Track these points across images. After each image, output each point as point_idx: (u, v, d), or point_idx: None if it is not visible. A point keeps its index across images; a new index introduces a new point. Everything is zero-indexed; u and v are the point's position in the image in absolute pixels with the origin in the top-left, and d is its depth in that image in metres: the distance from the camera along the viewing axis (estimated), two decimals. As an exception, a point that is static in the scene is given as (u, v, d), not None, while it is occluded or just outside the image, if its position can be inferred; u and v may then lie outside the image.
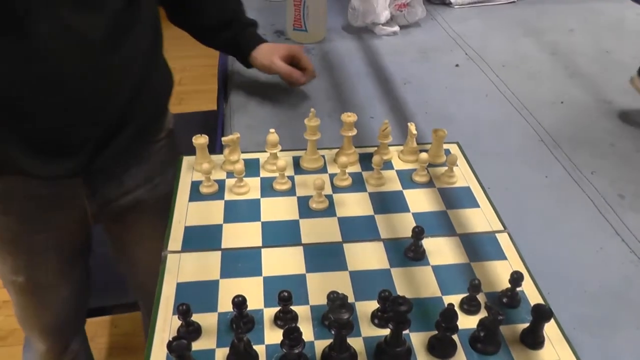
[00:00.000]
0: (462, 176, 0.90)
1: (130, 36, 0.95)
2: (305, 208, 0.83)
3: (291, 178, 0.88)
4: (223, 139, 0.89)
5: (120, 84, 0.97)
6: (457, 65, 1.36)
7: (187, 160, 0.92)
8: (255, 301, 0.67)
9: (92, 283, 1.32)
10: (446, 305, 0.60)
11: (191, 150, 0.91)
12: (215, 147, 1.08)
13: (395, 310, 0.57)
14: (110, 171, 1.04)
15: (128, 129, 0.99)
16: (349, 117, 0.89)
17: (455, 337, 0.62)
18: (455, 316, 0.59)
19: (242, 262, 0.74)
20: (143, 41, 1.00)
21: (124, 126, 0.99)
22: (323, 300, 0.65)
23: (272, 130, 0.88)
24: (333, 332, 0.58)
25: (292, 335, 0.56)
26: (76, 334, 1.37)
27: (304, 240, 0.78)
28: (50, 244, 1.10)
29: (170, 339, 0.57)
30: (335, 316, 0.55)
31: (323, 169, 0.91)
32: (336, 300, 0.57)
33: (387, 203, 0.85)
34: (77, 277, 1.24)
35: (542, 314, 0.61)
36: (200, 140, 0.88)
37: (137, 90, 1.00)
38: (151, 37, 1.03)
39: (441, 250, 0.76)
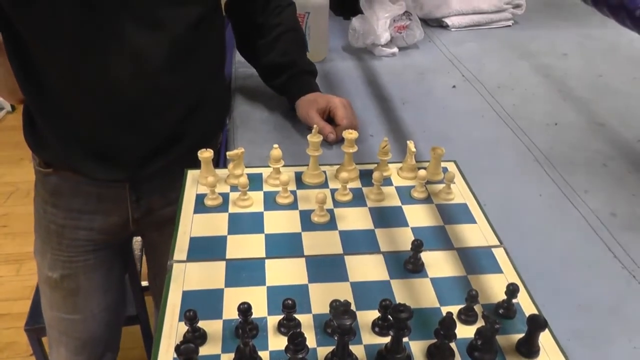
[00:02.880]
0: (460, 193, 0.92)
1: (193, 60, 1.02)
2: (307, 221, 0.85)
3: (293, 192, 0.91)
4: (228, 153, 0.91)
5: (176, 104, 1.04)
6: (454, 87, 1.40)
7: (191, 174, 0.94)
8: (259, 309, 0.69)
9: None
10: (444, 315, 0.62)
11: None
12: (219, 162, 1.11)
13: (396, 317, 0.59)
14: (157, 182, 1.09)
15: (179, 146, 1.06)
16: (350, 134, 0.91)
17: (453, 345, 0.64)
18: (453, 324, 0.61)
19: (246, 272, 0.76)
20: (205, 66, 1.06)
21: (176, 142, 1.06)
22: (325, 309, 0.67)
23: (275, 145, 0.90)
24: (336, 338, 0.60)
25: (296, 340, 0.58)
26: (105, 353, 1.33)
27: (306, 252, 0.80)
28: (91, 244, 1.16)
29: (178, 343, 0.59)
30: (339, 322, 0.57)
31: (324, 184, 0.94)
32: (339, 306, 0.59)
33: (387, 218, 0.87)
34: (112, 289, 1.26)
35: (537, 323, 0.63)
36: (205, 154, 0.90)
37: (193, 111, 1.06)
38: (214, 62, 1.09)
39: (439, 263, 0.78)
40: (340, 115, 1.10)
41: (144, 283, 1.68)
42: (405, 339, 0.64)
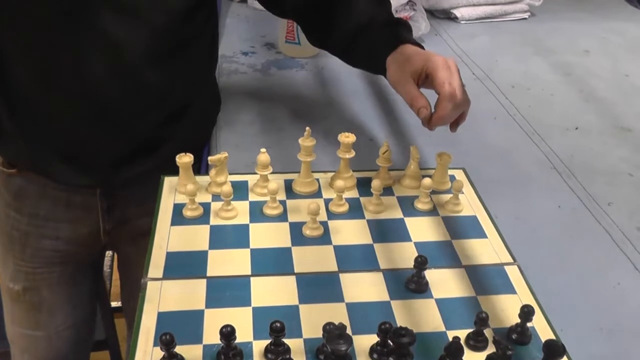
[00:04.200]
0: (469, 204, 0.93)
1: (178, 57, 1.01)
2: (298, 235, 0.86)
3: (283, 202, 0.91)
4: (209, 158, 0.92)
5: (156, 106, 1.03)
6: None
7: (169, 181, 0.94)
8: (243, 333, 0.69)
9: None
10: (451, 339, 0.63)
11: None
12: (200, 168, 1.11)
13: (397, 342, 0.59)
14: (132, 190, 1.09)
15: (158, 153, 1.06)
16: (347, 137, 0.92)
17: (460, 374, 0.65)
18: (461, 350, 0.62)
19: (229, 291, 0.76)
20: (192, 64, 1.05)
21: (154, 148, 1.06)
22: (317, 333, 0.67)
23: (263, 150, 0.91)
24: (329, 366, 0.60)
25: (285, 367, 0.58)
26: None
27: (296, 269, 0.80)
28: (57, 255, 1.16)
29: (153, 371, 0.59)
30: (333, 347, 0.58)
31: (317, 194, 0.94)
32: (334, 330, 0.59)
33: (387, 231, 0.87)
34: (79, 306, 1.26)
35: (554, 349, 0.63)
36: (185, 159, 0.91)
37: (176, 115, 1.06)
38: (203, 61, 1.08)
39: (445, 283, 0.79)
40: (441, 78, 0.88)
41: (114, 304, 1.68)
42: (407, 367, 0.64)
